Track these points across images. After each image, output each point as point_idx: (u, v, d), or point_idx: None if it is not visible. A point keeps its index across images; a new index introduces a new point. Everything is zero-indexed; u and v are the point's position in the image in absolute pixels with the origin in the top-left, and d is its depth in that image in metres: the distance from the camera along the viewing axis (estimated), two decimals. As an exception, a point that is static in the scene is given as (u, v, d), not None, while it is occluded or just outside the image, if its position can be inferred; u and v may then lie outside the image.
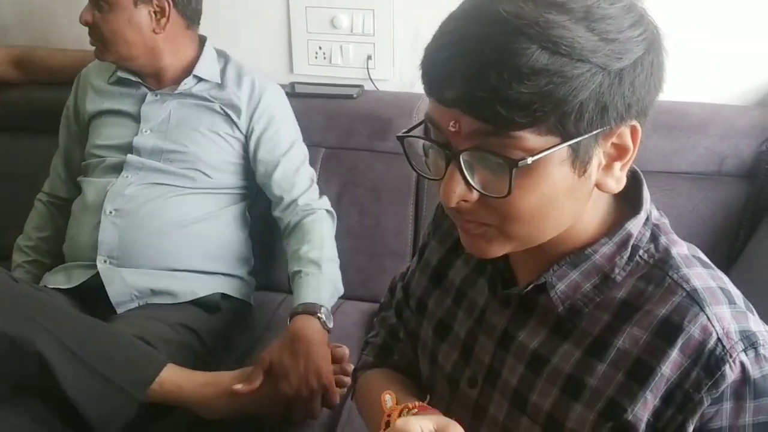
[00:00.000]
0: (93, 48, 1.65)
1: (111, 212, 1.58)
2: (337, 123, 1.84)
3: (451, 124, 0.64)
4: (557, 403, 0.73)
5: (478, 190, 0.66)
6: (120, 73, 1.69)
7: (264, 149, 1.66)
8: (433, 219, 0.94)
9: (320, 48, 1.93)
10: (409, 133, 0.72)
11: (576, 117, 0.62)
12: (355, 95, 1.86)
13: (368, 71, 1.91)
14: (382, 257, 1.78)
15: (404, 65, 1.92)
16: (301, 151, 1.71)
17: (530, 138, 0.62)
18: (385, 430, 0.77)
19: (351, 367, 1.37)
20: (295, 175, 1.66)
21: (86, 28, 1.62)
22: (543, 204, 0.67)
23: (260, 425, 1.34)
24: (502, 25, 0.61)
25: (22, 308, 1.27)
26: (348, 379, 1.36)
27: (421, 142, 0.71)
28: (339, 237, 1.67)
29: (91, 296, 1.54)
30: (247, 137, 1.68)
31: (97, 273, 1.54)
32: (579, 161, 0.65)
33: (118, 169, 1.64)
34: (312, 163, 1.75)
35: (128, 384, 1.28)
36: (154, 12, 1.60)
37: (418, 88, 1.87)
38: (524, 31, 0.60)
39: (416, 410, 0.80)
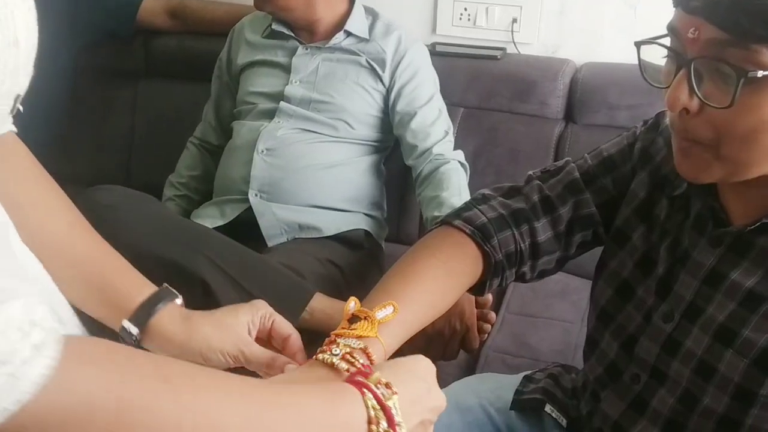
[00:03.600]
0: (243, 4, 1.74)
1: (263, 150, 1.68)
2: (478, 83, 1.86)
3: (691, 30, 0.68)
4: None
5: (701, 99, 0.69)
6: (274, 26, 1.77)
7: (402, 102, 1.72)
8: (642, 151, 0.93)
9: (465, 9, 1.96)
10: (649, 41, 0.75)
11: None
12: (498, 56, 1.88)
13: (512, 34, 1.93)
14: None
15: (549, 30, 1.92)
16: (438, 106, 1.75)
17: (766, 54, 0.64)
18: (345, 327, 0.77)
19: (493, 316, 1.40)
20: (430, 127, 1.70)
21: None
22: (761, 128, 0.68)
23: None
24: None
25: (186, 238, 1.38)
26: (489, 327, 1.40)
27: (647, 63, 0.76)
28: (474, 196, 1.69)
29: (243, 232, 1.63)
30: (389, 90, 1.73)
31: (249, 208, 1.65)
32: None
33: (270, 114, 1.73)
34: (451, 122, 1.78)
35: (282, 311, 1.35)
36: None
37: (562, 53, 1.91)
38: None
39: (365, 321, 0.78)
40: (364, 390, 0.62)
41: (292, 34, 1.76)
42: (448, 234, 0.93)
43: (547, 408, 1.01)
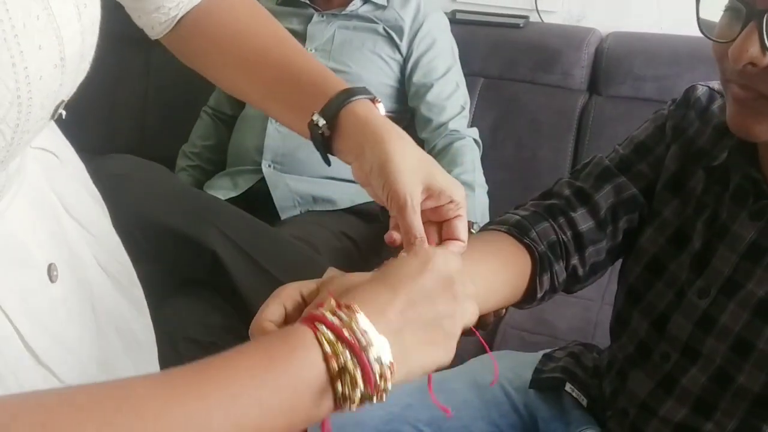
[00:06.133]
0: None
1: (277, 120, 1.63)
2: (499, 53, 1.82)
3: None
4: None
5: None
6: None
7: (419, 73, 1.68)
8: (674, 128, 0.89)
9: (487, -25, 1.90)
10: None
11: None
12: (521, 24, 1.83)
13: (535, 2, 1.87)
14: (536, 191, 1.73)
15: (574, -3, 1.87)
16: (456, 79, 1.71)
17: None
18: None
19: None
20: (446, 100, 1.66)
21: None
22: None
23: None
24: None
25: (196, 209, 1.36)
26: None
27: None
28: (493, 168, 1.66)
29: (255, 204, 1.61)
30: (406, 60, 1.70)
31: (261, 179, 1.62)
32: None
33: None
34: (470, 92, 1.75)
35: (293, 284, 1.33)
36: None
37: (587, 22, 1.85)
38: None
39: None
40: (316, 324, 0.48)
41: (308, 1, 1.72)
42: (485, 234, 0.86)
43: (567, 387, 0.98)
